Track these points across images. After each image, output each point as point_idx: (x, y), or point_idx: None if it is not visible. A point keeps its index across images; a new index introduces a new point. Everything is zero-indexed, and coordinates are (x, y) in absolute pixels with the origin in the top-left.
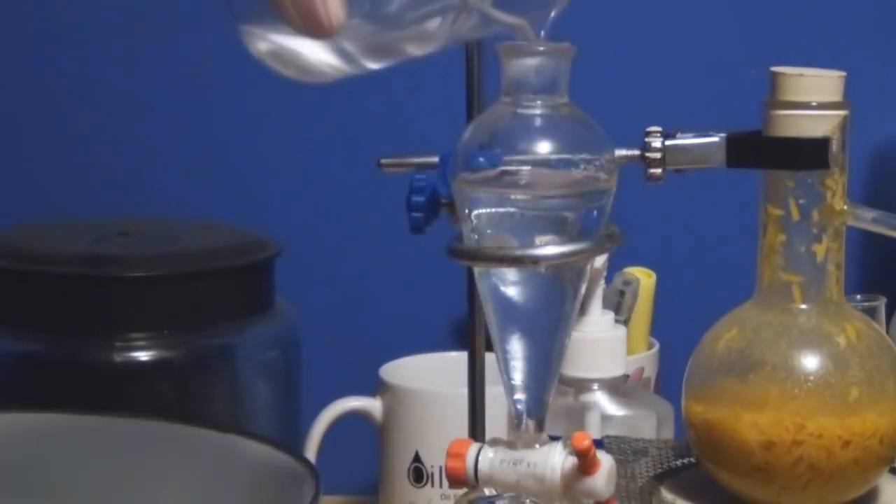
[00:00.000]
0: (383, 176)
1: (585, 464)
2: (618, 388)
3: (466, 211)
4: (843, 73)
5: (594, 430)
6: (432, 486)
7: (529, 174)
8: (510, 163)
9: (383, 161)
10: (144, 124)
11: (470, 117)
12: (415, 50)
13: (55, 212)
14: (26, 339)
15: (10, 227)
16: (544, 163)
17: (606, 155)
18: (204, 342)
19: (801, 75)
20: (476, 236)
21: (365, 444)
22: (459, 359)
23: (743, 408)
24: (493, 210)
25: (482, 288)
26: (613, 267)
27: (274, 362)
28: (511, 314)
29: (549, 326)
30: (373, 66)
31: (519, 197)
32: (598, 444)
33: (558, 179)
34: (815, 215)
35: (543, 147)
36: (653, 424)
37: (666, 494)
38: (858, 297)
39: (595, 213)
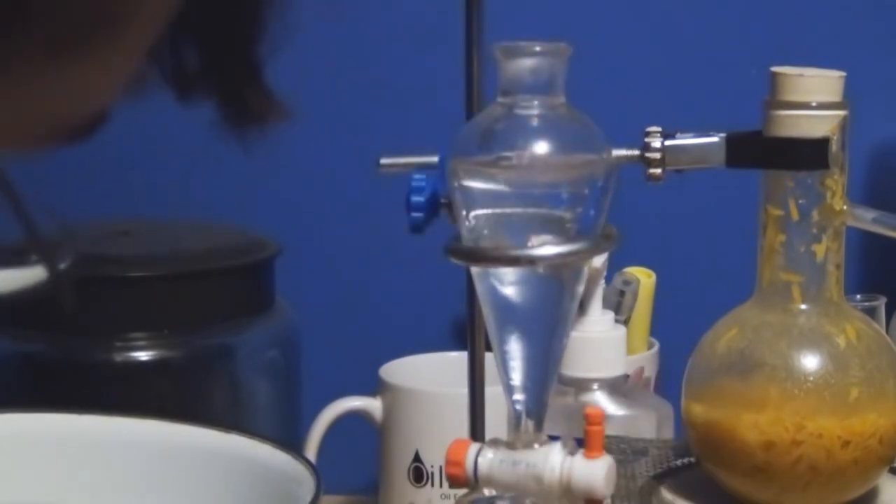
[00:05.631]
0: (383, 176)
1: (590, 439)
2: (618, 388)
3: (465, 211)
4: (843, 73)
5: None
6: (432, 485)
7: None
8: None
9: (383, 161)
10: (144, 123)
11: (470, 117)
12: None
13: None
14: (26, 339)
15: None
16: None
17: (604, 155)
18: (204, 342)
19: (801, 75)
20: (474, 236)
21: (365, 444)
22: (459, 359)
23: (743, 408)
24: (491, 210)
25: (480, 288)
26: (613, 267)
27: (274, 362)
28: (509, 314)
29: (547, 326)
30: None
31: (511, 178)
32: None
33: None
34: (815, 215)
35: (540, 147)
36: (653, 424)
37: (666, 494)
38: (858, 297)
39: (592, 212)
